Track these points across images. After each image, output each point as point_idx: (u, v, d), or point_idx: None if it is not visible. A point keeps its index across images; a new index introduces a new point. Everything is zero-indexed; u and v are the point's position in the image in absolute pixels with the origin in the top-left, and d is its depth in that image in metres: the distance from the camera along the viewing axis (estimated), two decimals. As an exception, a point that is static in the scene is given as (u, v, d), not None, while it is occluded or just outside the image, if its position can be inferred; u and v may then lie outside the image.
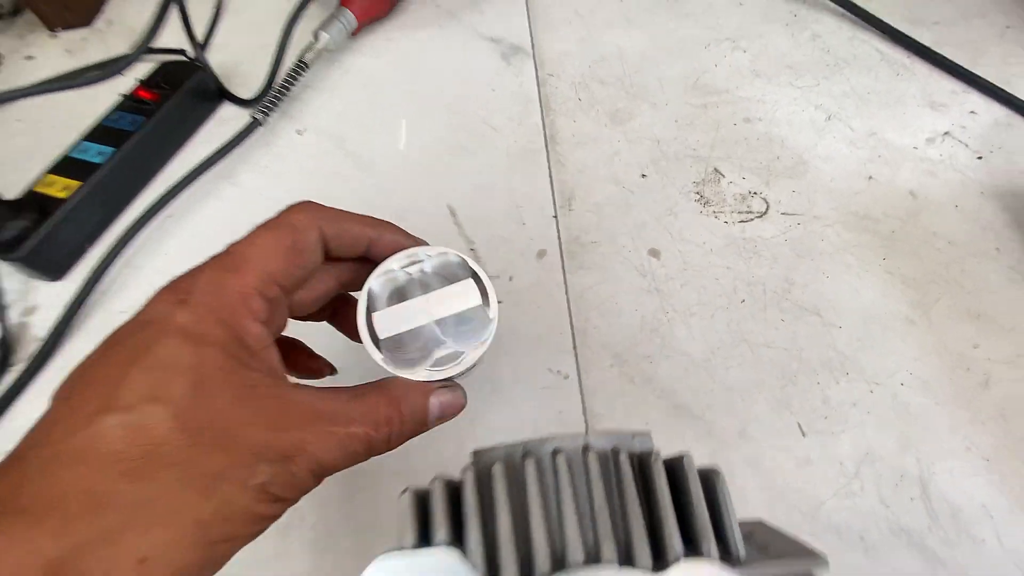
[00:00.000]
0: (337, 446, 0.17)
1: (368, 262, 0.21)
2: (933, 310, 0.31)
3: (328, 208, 0.20)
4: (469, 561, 0.13)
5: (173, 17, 0.40)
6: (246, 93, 0.43)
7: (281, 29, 0.44)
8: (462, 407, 0.21)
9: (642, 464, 0.15)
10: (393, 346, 0.20)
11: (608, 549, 0.13)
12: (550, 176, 0.38)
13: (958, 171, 0.36)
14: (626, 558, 0.13)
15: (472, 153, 0.39)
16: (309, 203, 0.20)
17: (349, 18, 0.45)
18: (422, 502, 0.15)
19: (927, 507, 0.25)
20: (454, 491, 0.15)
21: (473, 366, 0.21)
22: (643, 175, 0.37)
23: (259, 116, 0.40)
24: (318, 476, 0.17)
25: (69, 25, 0.52)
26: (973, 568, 0.24)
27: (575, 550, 0.13)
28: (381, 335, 0.20)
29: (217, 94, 0.43)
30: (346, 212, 0.21)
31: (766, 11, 0.47)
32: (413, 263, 0.21)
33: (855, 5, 0.45)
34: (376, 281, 0.21)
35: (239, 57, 0.47)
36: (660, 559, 0.13)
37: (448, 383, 0.21)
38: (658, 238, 0.34)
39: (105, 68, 0.37)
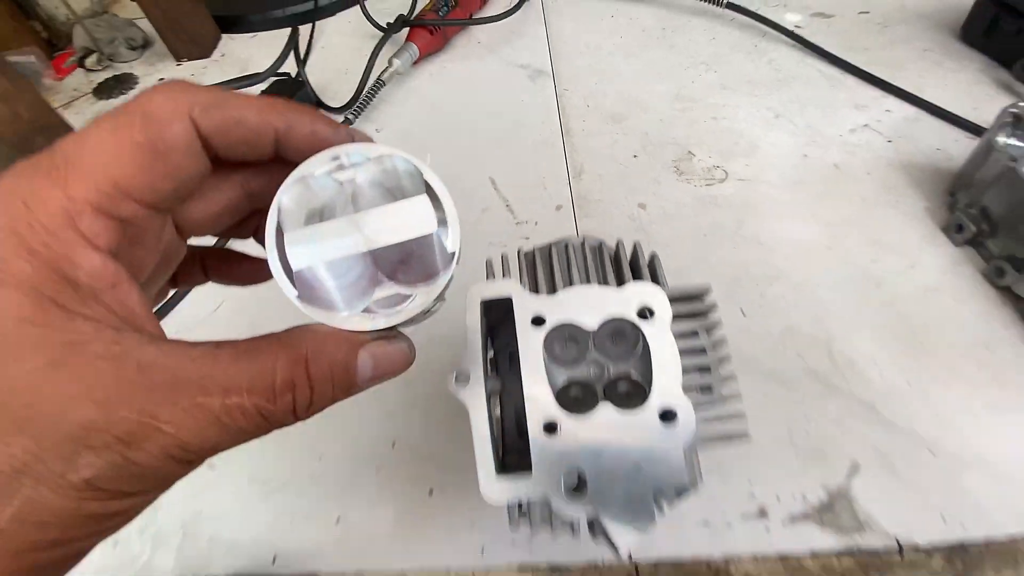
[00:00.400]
0: (210, 422, 0.13)
1: (289, 165, 0.16)
2: (845, 241, 0.42)
3: (204, 89, 0.15)
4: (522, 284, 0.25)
5: (276, 50, 0.55)
6: (335, 104, 0.58)
7: (367, 56, 0.60)
8: (408, 363, 0.17)
9: (616, 253, 0.27)
10: (313, 282, 0.16)
11: (593, 280, 0.25)
12: (565, 156, 0.51)
13: (872, 151, 0.48)
14: (603, 283, 0.25)
15: (508, 143, 0.53)
16: (176, 83, 0.15)
17: (413, 50, 0.60)
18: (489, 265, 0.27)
19: (831, 358, 0.36)
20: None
21: (424, 313, 0.17)
22: (634, 156, 0.50)
23: (351, 117, 0.54)
24: (186, 461, 0.13)
25: (192, 56, 0.69)
26: (862, 392, 0.34)
27: (576, 280, 0.25)
28: (295, 265, 0.15)
29: (315, 103, 0.58)
30: (235, 94, 0.15)
31: (734, 44, 0.61)
32: (341, 168, 0.16)
33: (803, 38, 0.58)
34: (288, 193, 0.16)
35: (327, 79, 0.62)
36: (621, 285, 0.25)
37: (388, 333, 0.16)
38: (645, 197, 0.47)
39: (248, 80, 0.52)
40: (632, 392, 0.24)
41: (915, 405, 0.34)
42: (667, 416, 0.23)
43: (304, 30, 0.67)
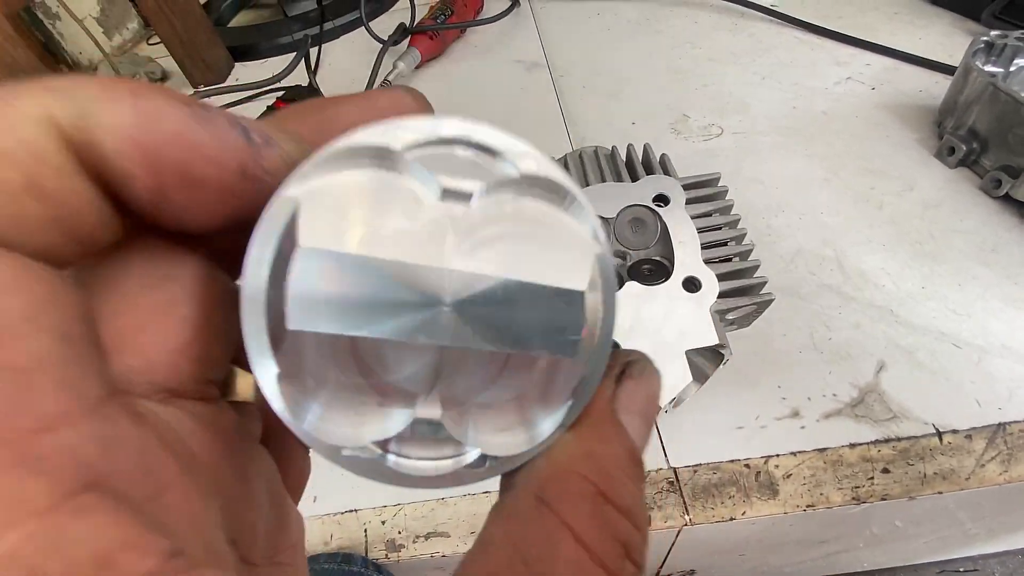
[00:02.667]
0: None
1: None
2: (841, 172, 0.43)
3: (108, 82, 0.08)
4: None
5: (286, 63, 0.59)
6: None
7: (372, 62, 0.63)
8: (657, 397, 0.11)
9: (628, 156, 0.28)
10: (320, 366, 0.09)
11: (609, 179, 0.26)
12: (567, 132, 0.53)
13: (857, 97, 0.50)
14: (617, 180, 0.26)
15: (511, 124, 0.55)
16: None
17: (416, 54, 0.63)
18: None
19: (842, 272, 0.37)
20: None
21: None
22: (633, 123, 0.53)
23: (361, 113, 0.58)
24: None
25: (208, 83, 0.73)
26: (877, 299, 0.35)
27: (593, 181, 0.26)
28: (293, 322, 0.08)
29: (327, 109, 0.62)
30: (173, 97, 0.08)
31: (715, 25, 0.64)
32: (452, 144, 0.10)
33: (780, 12, 0.62)
34: (322, 163, 0.09)
35: (335, 89, 0.66)
36: (635, 181, 0.26)
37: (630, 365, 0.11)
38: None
39: (265, 84, 0.55)
40: (655, 271, 0.25)
41: (931, 305, 0.34)
42: (691, 285, 0.24)
43: (312, 50, 0.71)
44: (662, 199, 0.26)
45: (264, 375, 0.09)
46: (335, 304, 0.08)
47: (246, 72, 0.75)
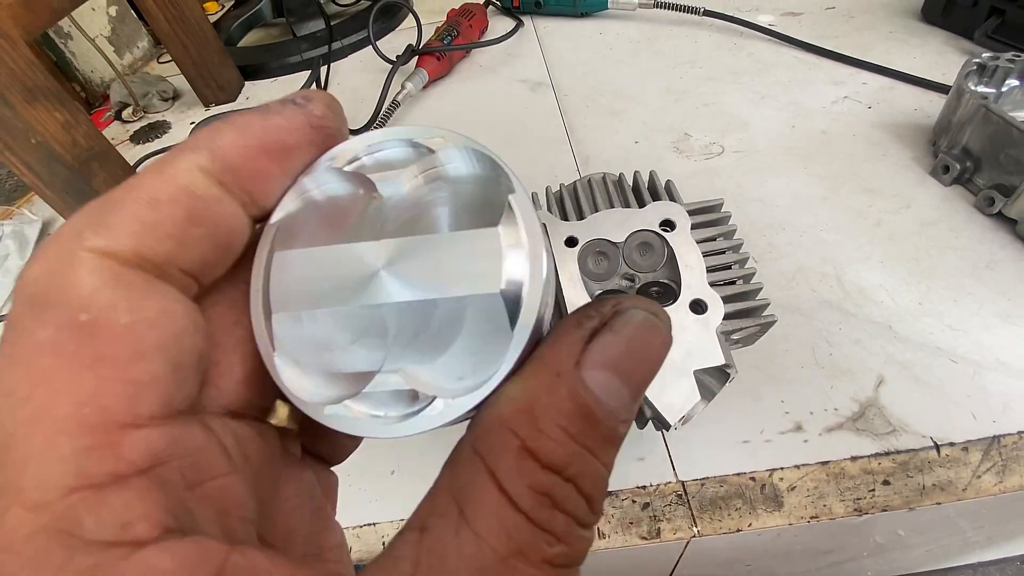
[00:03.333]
0: None
1: None
2: (840, 191, 0.45)
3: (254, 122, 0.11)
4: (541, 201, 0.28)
5: (298, 85, 0.61)
6: (353, 127, 0.63)
7: (380, 87, 0.65)
8: (667, 343, 0.11)
9: (635, 182, 0.30)
10: (298, 340, 0.11)
11: (617, 205, 0.28)
12: (572, 149, 0.55)
13: (855, 116, 0.52)
14: (625, 206, 0.28)
15: (517, 143, 0.57)
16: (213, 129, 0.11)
17: (423, 74, 0.65)
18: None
19: (842, 289, 0.38)
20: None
21: (457, 420, 0.11)
22: (636, 142, 0.54)
23: (371, 132, 0.59)
24: None
25: (220, 102, 0.75)
26: (876, 316, 0.36)
27: (602, 206, 0.28)
28: (278, 305, 0.11)
29: (336, 128, 0.63)
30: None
31: (714, 44, 0.66)
32: (355, 161, 0.12)
33: (778, 32, 0.64)
34: (302, 190, 0.12)
35: (345, 107, 0.67)
36: (641, 206, 0.28)
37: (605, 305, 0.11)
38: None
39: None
40: (663, 293, 0.26)
41: (928, 321, 0.36)
42: (697, 307, 0.25)
43: (321, 70, 0.73)
44: (668, 224, 0.27)
45: (269, 359, 0.12)
46: (302, 291, 0.11)
47: (256, 91, 0.76)
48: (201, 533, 0.09)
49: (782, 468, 0.31)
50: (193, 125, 0.72)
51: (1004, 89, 0.45)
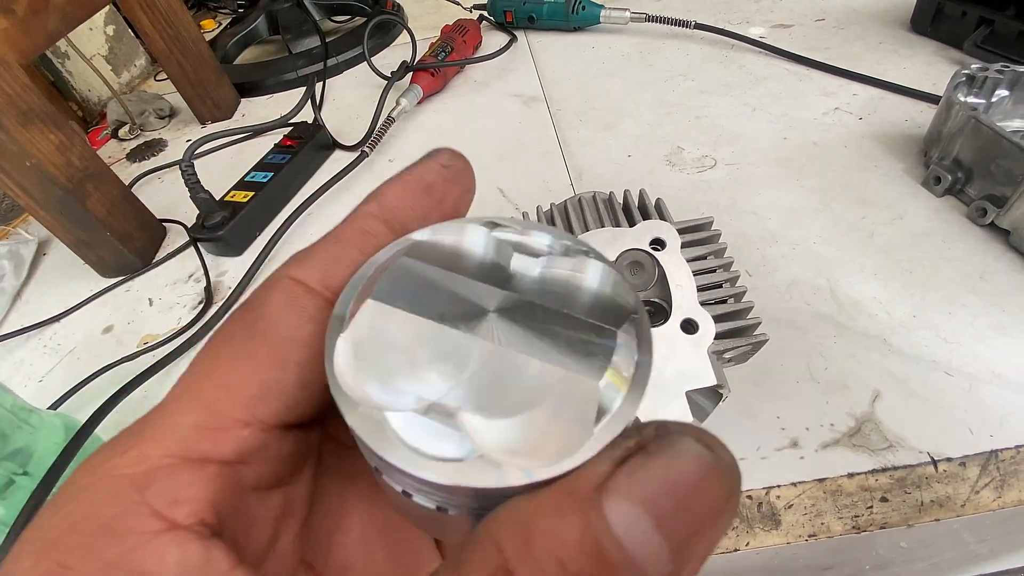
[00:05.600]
0: None
1: None
2: (832, 203, 0.45)
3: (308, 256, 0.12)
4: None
5: (290, 108, 0.61)
6: (348, 143, 0.63)
7: (375, 103, 0.65)
8: (733, 493, 0.09)
9: (625, 200, 0.30)
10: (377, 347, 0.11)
11: (607, 224, 0.28)
12: (565, 163, 0.55)
13: (846, 127, 0.52)
14: (616, 225, 0.28)
15: (511, 157, 0.57)
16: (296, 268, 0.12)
17: (418, 90, 0.66)
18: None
19: (836, 302, 0.38)
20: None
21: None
22: (628, 155, 0.54)
23: (367, 150, 0.59)
24: None
25: (216, 119, 0.75)
26: (871, 329, 0.36)
27: (593, 226, 0.28)
28: (379, 295, 0.11)
29: (331, 144, 0.64)
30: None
31: (705, 57, 0.67)
32: (500, 231, 0.12)
33: (769, 45, 0.64)
34: (390, 257, 0.12)
35: (340, 124, 0.68)
36: (632, 225, 0.28)
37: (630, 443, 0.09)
38: (642, 188, 0.50)
39: (275, 123, 0.57)
40: (654, 313, 0.26)
41: (923, 334, 0.35)
42: (688, 327, 0.25)
43: (316, 87, 0.74)
44: (659, 243, 0.27)
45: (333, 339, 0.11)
46: (408, 295, 0.11)
47: (252, 107, 0.77)
48: (235, 538, 0.10)
49: (779, 486, 0.30)
50: (189, 142, 0.72)
51: (994, 99, 0.45)
